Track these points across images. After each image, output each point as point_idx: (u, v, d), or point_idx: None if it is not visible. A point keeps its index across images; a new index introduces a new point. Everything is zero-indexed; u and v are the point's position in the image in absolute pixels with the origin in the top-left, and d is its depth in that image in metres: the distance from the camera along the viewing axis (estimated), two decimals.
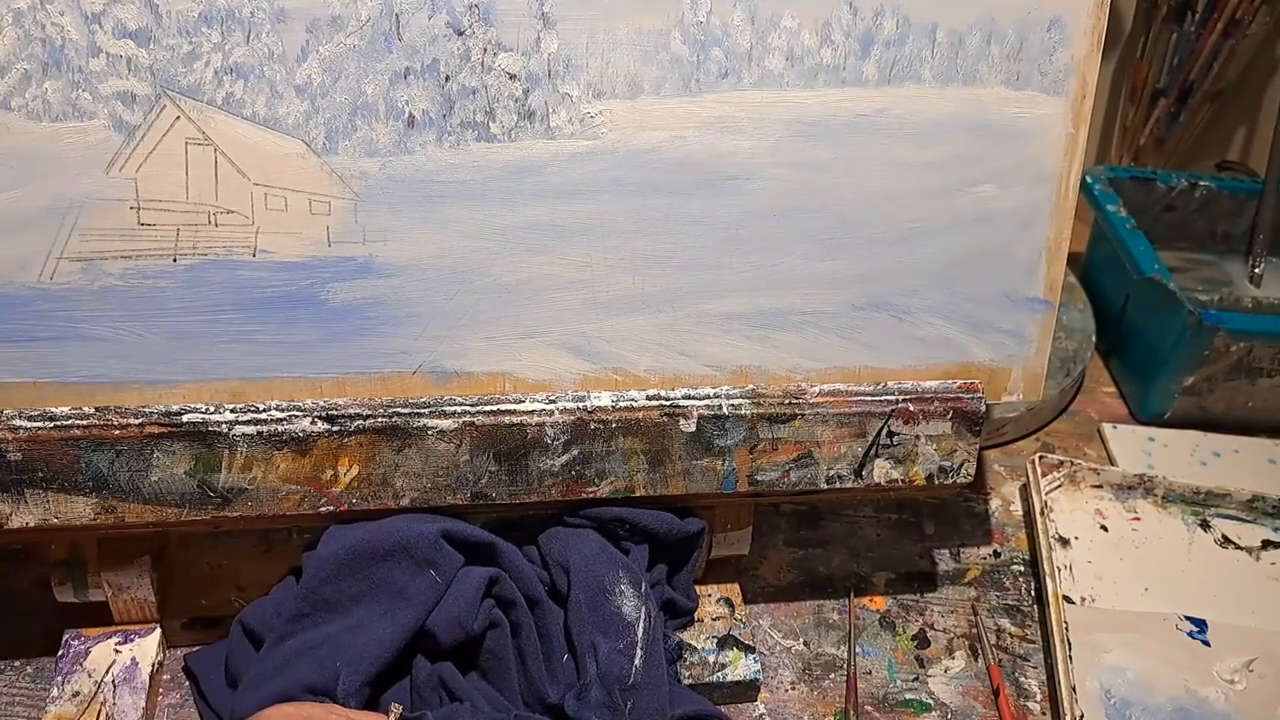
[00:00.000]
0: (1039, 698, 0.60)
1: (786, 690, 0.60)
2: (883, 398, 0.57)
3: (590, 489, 0.55)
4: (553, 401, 0.54)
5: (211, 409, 0.51)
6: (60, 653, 0.55)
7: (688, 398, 0.55)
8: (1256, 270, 0.90)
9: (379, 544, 0.52)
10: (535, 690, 0.53)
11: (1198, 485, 0.72)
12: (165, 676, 0.57)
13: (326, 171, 0.50)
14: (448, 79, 0.49)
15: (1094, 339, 0.85)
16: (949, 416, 0.57)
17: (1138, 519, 0.72)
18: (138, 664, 0.55)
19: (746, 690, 0.59)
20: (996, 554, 0.70)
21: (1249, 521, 0.72)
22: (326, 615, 0.52)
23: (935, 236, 0.56)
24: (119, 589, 0.55)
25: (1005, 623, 0.65)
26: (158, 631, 0.56)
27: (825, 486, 0.57)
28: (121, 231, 0.49)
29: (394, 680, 0.53)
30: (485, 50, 0.49)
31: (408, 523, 0.53)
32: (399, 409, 0.52)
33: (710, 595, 0.62)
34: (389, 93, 0.49)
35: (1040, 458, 0.72)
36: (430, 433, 0.52)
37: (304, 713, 0.45)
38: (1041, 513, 0.68)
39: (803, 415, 0.56)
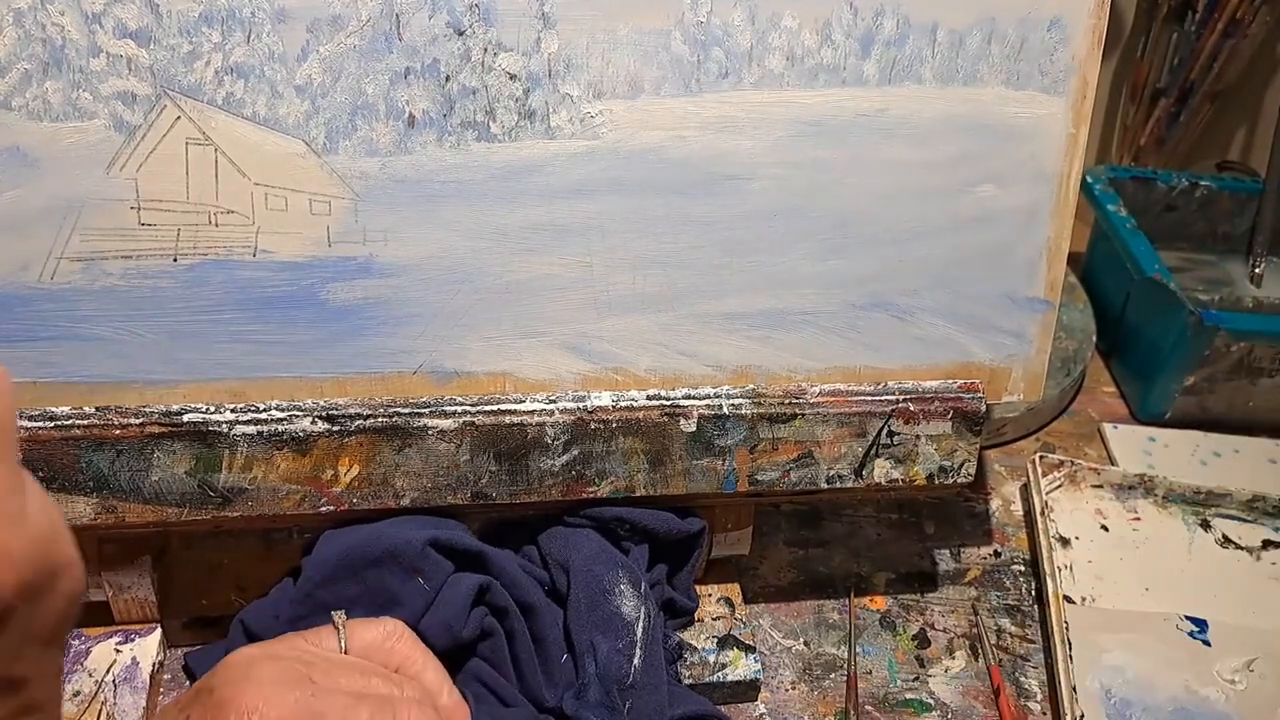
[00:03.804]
0: (1039, 698, 0.60)
1: (787, 690, 0.60)
2: (883, 398, 0.57)
3: (590, 489, 0.55)
4: (553, 401, 0.54)
5: (212, 409, 0.51)
6: None
7: (688, 398, 0.55)
8: (1257, 270, 0.90)
9: (369, 550, 0.52)
10: (532, 695, 0.53)
11: (1198, 485, 0.72)
12: (166, 676, 0.57)
13: (327, 171, 0.50)
14: (448, 79, 0.49)
15: (1094, 339, 0.85)
16: (949, 416, 0.57)
17: (1138, 519, 0.72)
18: (138, 664, 0.55)
19: (747, 690, 0.59)
20: (997, 554, 0.70)
21: (1249, 521, 0.72)
22: (323, 618, 0.52)
23: (936, 236, 0.56)
24: (120, 589, 0.55)
25: (1006, 622, 0.65)
26: (158, 631, 0.56)
27: (825, 486, 0.57)
28: (122, 231, 0.49)
29: None
30: (485, 50, 0.49)
31: (397, 529, 0.53)
32: (399, 409, 0.52)
33: (710, 595, 0.62)
34: (389, 93, 0.49)
35: (1040, 457, 0.72)
36: (430, 432, 0.52)
37: (267, 651, 0.45)
38: (1042, 513, 0.68)
39: (803, 415, 0.56)
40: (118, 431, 0.50)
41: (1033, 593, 0.67)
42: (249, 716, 0.40)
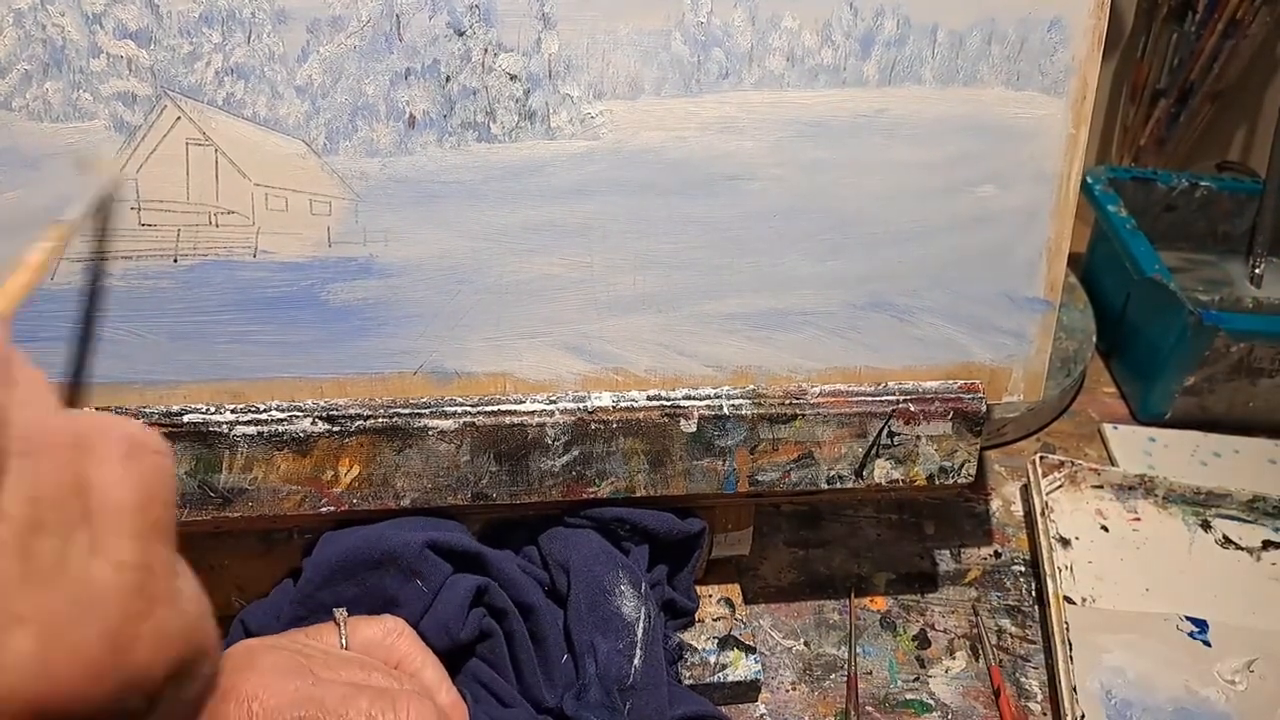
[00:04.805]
0: (1040, 698, 0.60)
1: (787, 690, 0.60)
2: (883, 398, 0.57)
3: (591, 489, 0.55)
4: (553, 402, 0.54)
5: (212, 409, 0.51)
6: None
7: (688, 398, 0.55)
8: (1257, 270, 0.90)
9: (369, 552, 0.52)
10: (531, 696, 0.53)
11: (1198, 485, 0.72)
12: None
13: (327, 172, 0.50)
14: (448, 79, 0.49)
15: (1094, 339, 0.85)
16: (950, 417, 0.57)
17: (1138, 519, 0.72)
18: None
19: (747, 690, 0.59)
20: (997, 554, 0.70)
21: (1250, 522, 0.72)
22: (323, 619, 0.52)
23: (936, 236, 0.56)
24: None
25: (1006, 623, 0.65)
26: None
27: (826, 487, 0.57)
28: (122, 232, 0.49)
29: None
30: (486, 51, 0.49)
31: (395, 530, 0.53)
32: (399, 409, 0.52)
33: (711, 595, 0.62)
34: (389, 93, 0.49)
35: (1041, 458, 0.72)
36: (431, 433, 0.52)
37: (268, 642, 0.46)
38: (1042, 513, 0.68)
39: (803, 415, 0.56)
40: None
41: (1033, 593, 0.67)
42: (249, 704, 0.40)
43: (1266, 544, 0.71)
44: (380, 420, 0.52)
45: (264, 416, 0.51)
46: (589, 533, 0.56)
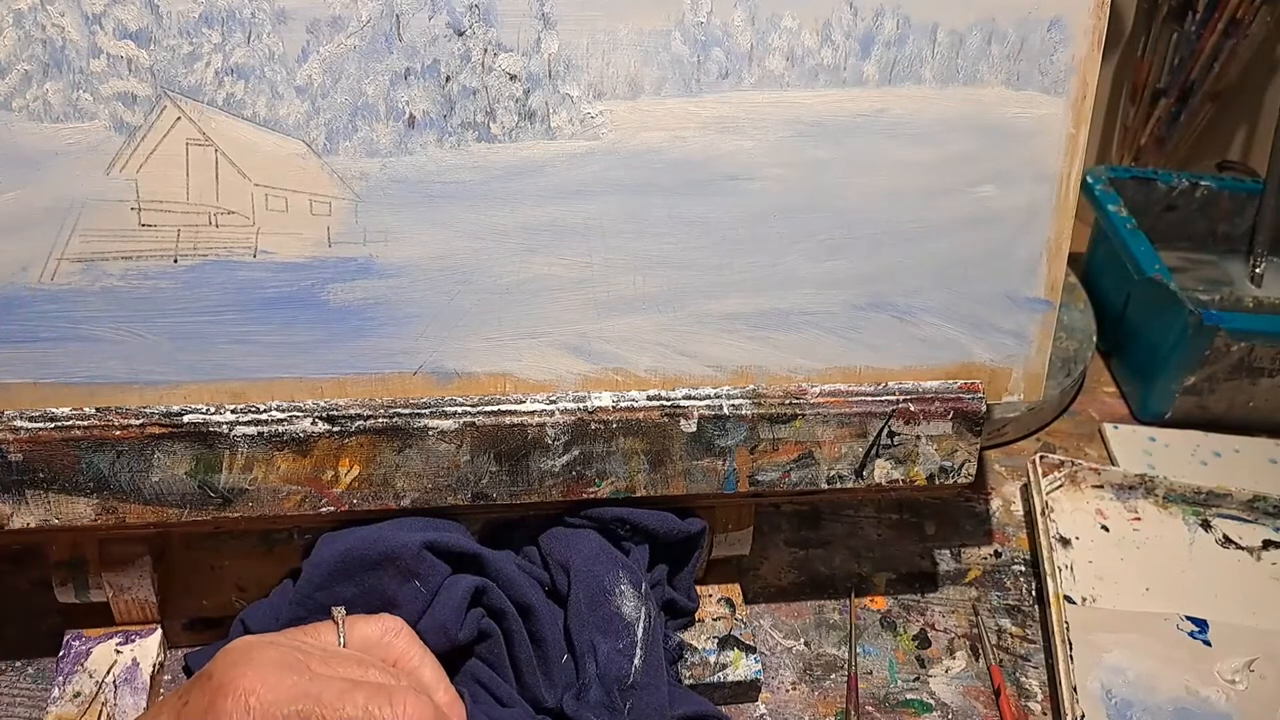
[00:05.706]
0: (1040, 698, 0.60)
1: (787, 690, 0.60)
2: (883, 398, 0.57)
3: (591, 489, 0.55)
4: (553, 402, 0.54)
5: (212, 409, 0.51)
6: (61, 653, 0.55)
7: (688, 398, 0.55)
8: (1257, 270, 0.90)
9: (367, 553, 0.52)
10: (530, 696, 0.53)
11: (1199, 485, 0.72)
12: (166, 677, 0.57)
13: (327, 172, 0.50)
14: (448, 79, 0.49)
15: (1095, 339, 0.85)
16: (950, 417, 0.57)
17: (1138, 519, 0.72)
18: (139, 664, 0.55)
19: (747, 690, 0.59)
20: (997, 554, 0.70)
21: (1250, 521, 0.72)
22: (322, 618, 0.52)
23: (936, 236, 0.56)
24: (120, 589, 0.55)
25: (1006, 623, 0.65)
26: (159, 632, 0.57)
27: (826, 487, 0.57)
28: (122, 232, 0.49)
29: None
30: (486, 51, 0.49)
31: (394, 531, 0.52)
32: (399, 409, 0.52)
33: (711, 595, 0.62)
34: (389, 93, 0.49)
35: (1041, 458, 0.72)
36: (431, 433, 0.52)
37: (266, 639, 0.46)
38: (1042, 513, 0.68)
39: (803, 415, 0.56)
40: (118, 432, 0.50)
41: (1033, 593, 0.67)
42: (246, 698, 0.40)
43: (1266, 544, 0.71)
44: (380, 420, 0.52)
45: (264, 417, 0.51)
46: (589, 533, 0.56)
